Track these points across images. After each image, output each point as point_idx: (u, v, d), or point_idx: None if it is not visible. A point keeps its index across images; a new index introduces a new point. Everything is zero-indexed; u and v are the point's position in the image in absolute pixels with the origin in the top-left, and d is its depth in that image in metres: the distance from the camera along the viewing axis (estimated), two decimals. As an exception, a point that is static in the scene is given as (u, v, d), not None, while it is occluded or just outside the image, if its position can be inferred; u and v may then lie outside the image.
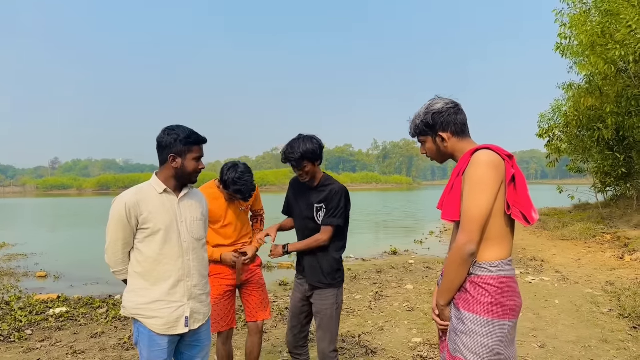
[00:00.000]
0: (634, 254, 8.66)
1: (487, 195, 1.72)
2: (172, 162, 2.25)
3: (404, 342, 4.46)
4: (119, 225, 2.19)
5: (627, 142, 14.41)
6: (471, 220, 1.71)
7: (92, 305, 6.27)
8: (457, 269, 1.76)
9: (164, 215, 2.24)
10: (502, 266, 1.78)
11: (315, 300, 2.98)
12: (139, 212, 2.19)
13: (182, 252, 2.27)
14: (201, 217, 2.41)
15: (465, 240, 1.72)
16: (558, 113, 16.23)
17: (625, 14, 9.97)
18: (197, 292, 2.35)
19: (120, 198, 2.21)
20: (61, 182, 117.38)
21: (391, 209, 30.85)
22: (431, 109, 1.93)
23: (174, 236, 2.26)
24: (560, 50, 13.84)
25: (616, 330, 4.64)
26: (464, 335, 1.76)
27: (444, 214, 1.88)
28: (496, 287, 1.75)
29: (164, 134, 2.27)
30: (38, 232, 18.39)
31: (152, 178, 2.33)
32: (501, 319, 1.75)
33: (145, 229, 2.21)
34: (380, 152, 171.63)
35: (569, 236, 11.94)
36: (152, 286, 2.23)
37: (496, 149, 1.80)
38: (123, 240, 2.21)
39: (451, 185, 1.86)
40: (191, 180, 2.33)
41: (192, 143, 2.26)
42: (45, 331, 5.10)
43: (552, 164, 16.10)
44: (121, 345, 4.56)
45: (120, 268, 2.28)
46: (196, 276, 2.35)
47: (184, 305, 2.27)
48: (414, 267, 8.81)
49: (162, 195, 2.27)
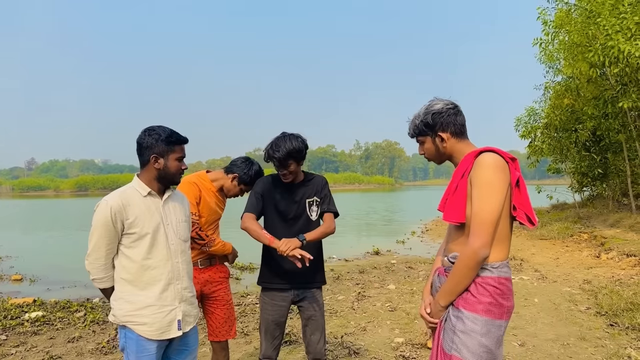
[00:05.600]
0: (609, 253, 8.85)
1: (498, 197, 1.73)
2: (155, 163, 2.19)
3: (386, 342, 4.47)
4: (103, 231, 2.10)
5: (604, 143, 14.77)
6: (484, 223, 1.71)
7: (69, 309, 6.13)
8: (469, 272, 1.76)
9: (150, 219, 2.18)
10: (502, 267, 1.80)
11: (307, 305, 2.85)
12: (125, 216, 2.12)
13: (170, 254, 2.22)
14: (185, 219, 2.37)
15: (479, 244, 1.71)
16: (534, 116, 16.48)
17: (603, 18, 10.13)
18: (187, 295, 2.30)
19: (105, 202, 2.12)
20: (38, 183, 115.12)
21: (374, 209, 30.98)
22: (431, 109, 1.93)
23: (161, 239, 2.20)
24: (540, 46, 13.78)
25: (593, 328, 4.72)
26: (464, 334, 1.76)
27: (447, 215, 1.87)
28: (496, 288, 1.77)
29: (145, 135, 2.20)
30: (13, 235, 17.95)
31: (134, 180, 2.25)
32: (499, 319, 1.77)
33: (131, 234, 2.14)
34: (363, 153, 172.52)
35: (547, 235, 12.16)
36: (142, 291, 2.16)
37: (500, 152, 1.81)
38: (107, 245, 2.14)
39: (455, 187, 1.85)
40: (174, 181, 2.28)
41: (174, 143, 2.21)
42: (20, 336, 4.96)
43: (532, 164, 16.39)
44: (99, 349, 4.46)
45: (102, 275, 2.19)
46: (185, 278, 2.30)
47: (175, 309, 2.22)
48: (396, 267, 8.85)
49: (146, 198, 2.20)
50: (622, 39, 9.59)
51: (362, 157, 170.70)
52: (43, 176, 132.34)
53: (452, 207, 1.85)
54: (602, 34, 10.06)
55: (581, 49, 11.25)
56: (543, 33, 13.33)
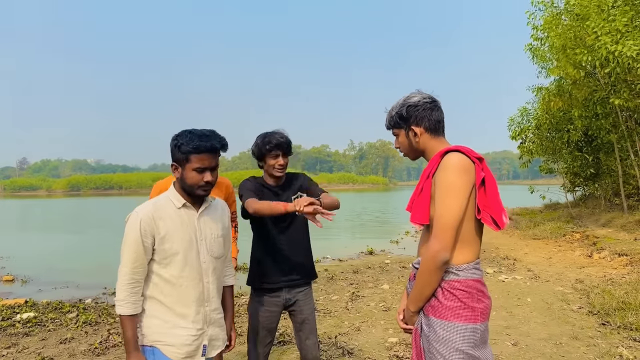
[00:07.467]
0: (601, 252, 8.91)
1: (459, 200, 1.67)
2: (175, 171, 2.01)
3: (380, 342, 4.48)
4: (131, 245, 1.92)
5: (595, 143, 14.88)
6: (444, 228, 1.66)
7: (61, 309, 6.09)
8: (430, 277, 1.71)
9: (183, 234, 2.00)
10: (469, 269, 1.74)
11: (301, 306, 2.75)
12: (156, 230, 1.94)
13: (201, 274, 2.04)
14: (222, 233, 2.16)
15: (438, 247, 1.66)
16: (527, 116, 16.58)
17: (591, 20, 10.25)
18: (215, 317, 2.12)
19: (135, 214, 1.95)
20: (30, 182, 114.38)
21: (368, 209, 31.00)
22: (407, 102, 1.87)
23: (193, 257, 2.02)
24: (531, 51, 14.09)
25: (586, 327, 4.75)
26: (437, 343, 1.71)
27: (413, 217, 1.83)
28: (463, 291, 1.71)
29: (172, 139, 2.00)
30: (5, 235, 17.80)
31: (170, 189, 2.06)
32: (472, 322, 1.70)
33: (162, 250, 1.96)
34: (357, 153, 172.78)
35: (540, 235, 12.22)
36: (172, 312, 2.00)
37: (466, 150, 1.75)
38: (133, 262, 1.93)
39: (420, 188, 1.81)
40: (195, 194, 2.01)
41: (192, 151, 1.93)
42: (11, 337, 4.92)
43: (524, 165, 16.49)
44: (92, 350, 4.43)
45: (120, 297, 1.93)
46: (215, 299, 2.13)
47: (203, 333, 2.06)
48: (390, 267, 8.86)
49: (180, 210, 2.02)
50: (609, 40, 9.71)
51: (356, 157, 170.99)
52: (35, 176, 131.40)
53: (417, 209, 1.81)
54: (591, 36, 10.16)
55: (568, 51, 11.38)
56: (532, 38, 13.56)
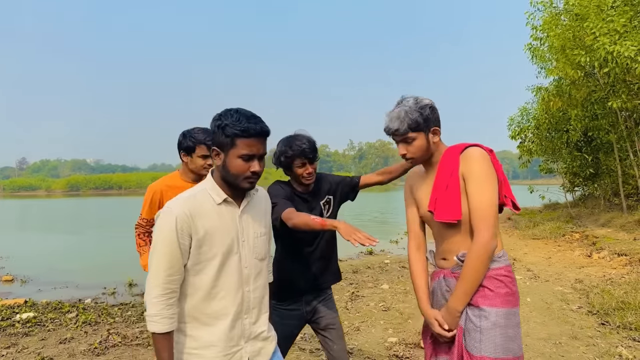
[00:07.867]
0: (601, 252, 8.91)
1: (494, 189, 1.79)
2: (215, 157, 1.69)
3: (379, 342, 4.48)
4: (165, 249, 1.59)
5: (595, 143, 14.88)
6: (488, 216, 1.75)
7: (61, 309, 6.09)
8: (483, 268, 1.77)
9: (223, 236, 1.69)
10: (504, 256, 1.85)
11: (324, 312, 2.55)
12: (194, 230, 1.63)
13: (242, 281, 1.74)
14: (265, 230, 1.86)
15: (488, 236, 1.74)
16: (527, 116, 16.60)
17: (590, 21, 10.26)
18: (257, 330, 1.81)
19: (169, 210, 1.62)
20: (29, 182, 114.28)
21: (368, 209, 30.99)
22: (424, 104, 1.86)
23: (233, 262, 1.71)
24: (530, 51, 14.08)
25: (585, 327, 4.76)
26: (490, 330, 1.75)
27: (441, 214, 1.85)
28: (507, 277, 1.81)
29: (214, 119, 1.68)
30: (4, 235, 17.77)
31: (208, 180, 1.74)
32: (515, 307, 1.81)
33: (197, 254, 1.65)
34: (356, 153, 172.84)
35: (539, 235, 12.22)
36: (205, 326, 1.70)
37: (481, 145, 1.87)
38: (167, 269, 1.60)
39: (445, 185, 1.84)
40: (239, 186, 1.69)
41: (239, 134, 1.61)
42: (11, 337, 4.92)
43: (524, 165, 16.49)
44: (91, 350, 4.43)
45: (152, 311, 1.58)
46: (256, 311, 1.81)
47: (240, 350, 1.75)
48: (389, 267, 8.87)
49: (220, 207, 1.70)
50: (607, 40, 9.72)
51: (355, 157, 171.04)
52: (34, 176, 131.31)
53: (446, 205, 1.83)
54: (590, 37, 10.17)
55: (567, 52, 11.39)
56: (532, 38, 13.54)
